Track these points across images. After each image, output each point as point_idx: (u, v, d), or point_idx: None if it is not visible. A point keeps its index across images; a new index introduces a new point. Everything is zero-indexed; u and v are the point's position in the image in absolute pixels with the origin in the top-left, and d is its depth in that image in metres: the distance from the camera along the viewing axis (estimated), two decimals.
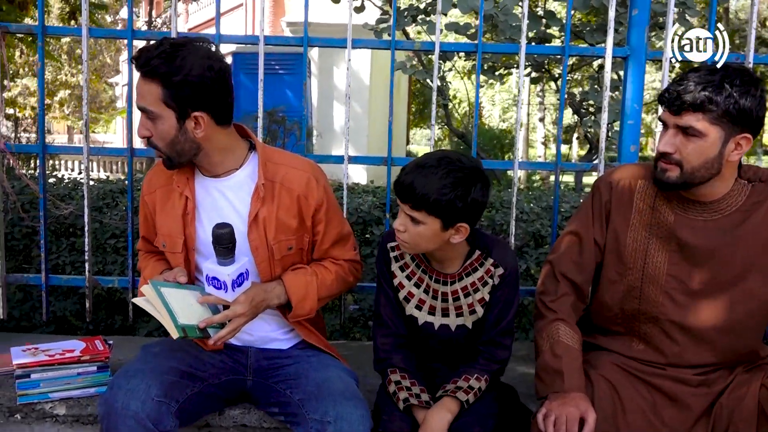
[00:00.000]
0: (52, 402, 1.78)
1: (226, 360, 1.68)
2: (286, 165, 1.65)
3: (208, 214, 1.62)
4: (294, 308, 1.62)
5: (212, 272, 1.49)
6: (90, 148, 2.01)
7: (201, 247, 1.63)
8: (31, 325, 2.57)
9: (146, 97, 1.48)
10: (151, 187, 1.70)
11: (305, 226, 1.65)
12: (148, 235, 1.76)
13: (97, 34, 2.08)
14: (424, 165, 1.48)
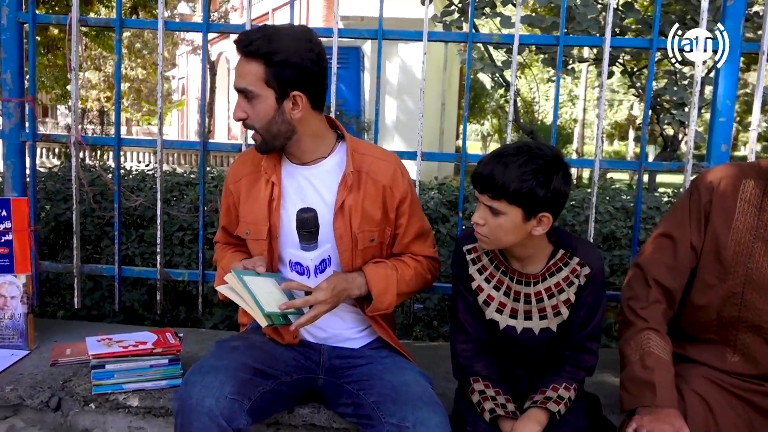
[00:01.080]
0: (125, 393, 1.79)
1: (298, 358, 1.66)
2: (373, 156, 1.65)
3: (294, 201, 1.62)
4: (374, 301, 1.60)
5: (295, 257, 1.48)
6: (164, 141, 2.01)
7: (284, 234, 1.62)
8: (101, 314, 2.62)
9: (246, 77, 1.50)
10: (236, 176, 1.71)
11: (388, 218, 1.64)
12: (229, 225, 1.77)
13: (173, 27, 2.08)
14: (503, 154, 1.43)
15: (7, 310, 2.03)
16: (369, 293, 1.60)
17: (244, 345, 1.62)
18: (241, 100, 1.54)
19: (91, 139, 2.11)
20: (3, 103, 2.03)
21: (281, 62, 1.48)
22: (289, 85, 1.51)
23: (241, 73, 1.52)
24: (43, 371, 1.89)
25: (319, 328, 1.68)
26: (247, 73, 1.50)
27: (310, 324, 1.52)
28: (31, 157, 2.11)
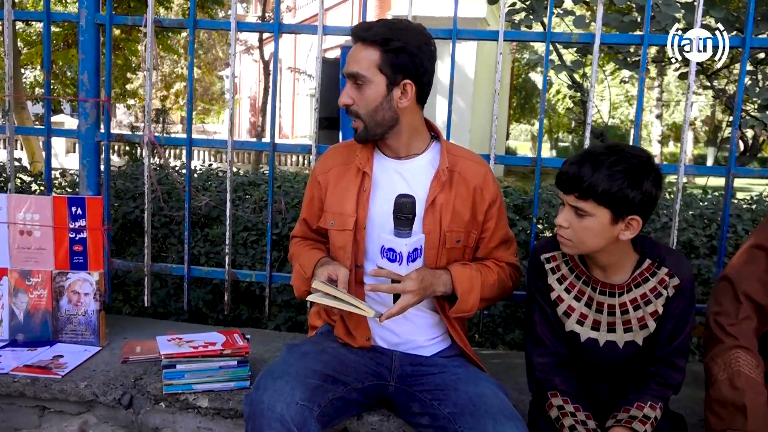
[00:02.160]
0: (195, 393, 1.80)
1: (369, 364, 1.63)
2: (465, 157, 1.66)
3: (385, 193, 1.61)
4: (459, 301, 1.57)
5: (388, 243, 1.45)
6: (233, 141, 2.01)
7: (372, 226, 1.61)
8: (167, 312, 2.65)
9: (361, 62, 1.52)
10: (326, 166, 1.72)
11: (476, 220, 1.63)
12: (310, 217, 1.76)
13: (246, 27, 2.08)
14: (592, 153, 1.38)
15: (80, 307, 2.06)
16: (452, 293, 1.58)
17: (315, 350, 1.60)
18: (348, 87, 1.56)
19: (163, 139, 2.12)
20: (80, 103, 2.06)
21: (398, 49, 1.51)
22: (401, 72, 1.53)
23: (355, 59, 1.53)
24: (115, 368, 1.92)
25: (391, 332, 1.66)
26: (362, 59, 1.52)
27: (398, 315, 1.49)
28: (106, 157, 2.14)
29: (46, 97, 2.15)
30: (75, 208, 2.04)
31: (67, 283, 2.06)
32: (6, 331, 2.08)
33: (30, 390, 1.82)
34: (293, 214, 2.54)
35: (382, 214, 1.59)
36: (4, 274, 2.07)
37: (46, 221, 2.05)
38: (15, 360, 1.92)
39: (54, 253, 2.06)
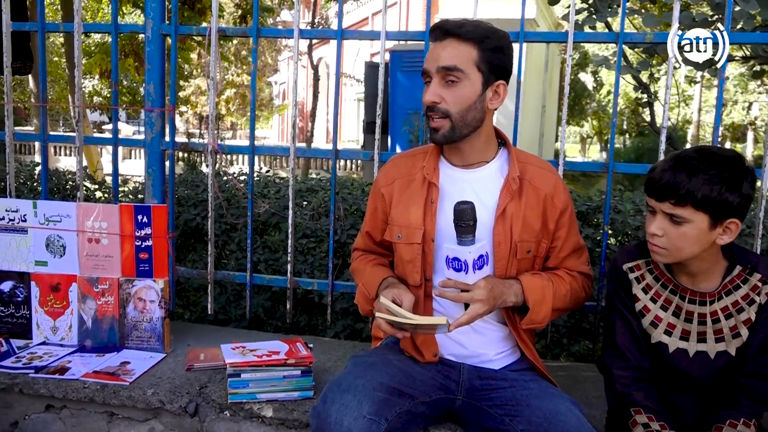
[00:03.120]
0: (259, 403, 1.79)
1: (437, 377, 1.59)
2: (534, 164, 1.62)
3: (451, 204, 1.54)
4: (530, 311, 1.52)
5: (453, 253, 1.41)
6: (296, 149, 2.00)
7: (441, 237, 1.57)
8: (227, 318, 2.66)
9: (457, 58, 1.47)
10: (389, 178, 1.68)
11: (547, 229, 1.58)
12: (374, 230, 1.74)
13: (309, 35, 2.07)
14: (684, 158, 1.33)
15: (146, 314, 2.09)
16: (523, 304, 1.53)
17: (381, 362, 1.57)
18: (436, 84, 1.49)
19: (227, 147, 2.13)
20: (146, 113, 2.09)
21: (494, 48, 1.48)
22: (495, 72, 1.50)
23: (449, 54, 1.47)
24: (180, 376, 1.93)
25: (460, 345, 1.61)
26: (457, 54, 1.47)
27: (467, 324, 1.45)
28: (170, 165, 2.16)
29: (114, 108, 2.19)
30: (141, 216, 2.07)
31: (133, 290, 2.09)
32: (75, 337, 2.13)
33: (99, 396, 1.85)
34: (352, 221, 2.52)
35: (450, 226, 1.53)
36: (74, 281, 2.12)
37: (114, 229, 2.08)
38: (84, 366, 1.96)
39: (121, 261, 2.09)
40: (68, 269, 2.12)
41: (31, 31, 2.33)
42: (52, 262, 2.13)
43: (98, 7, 14.73)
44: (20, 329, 2.16)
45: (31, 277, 2.14)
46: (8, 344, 2.11)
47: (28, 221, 2.13)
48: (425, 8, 1.93)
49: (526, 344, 1.62)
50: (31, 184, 3.07)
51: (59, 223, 2.11)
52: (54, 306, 2.13)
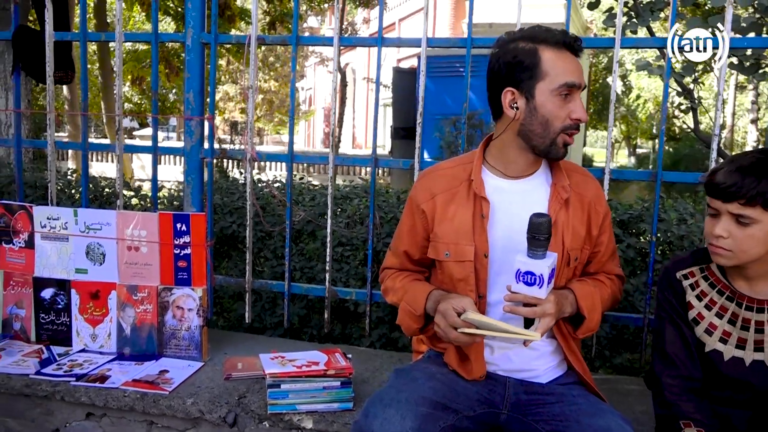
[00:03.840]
0: (299, 414, 1.77)
1: (481, 391, 1.55)
2: (576, 172, 1.61)
3: (504, 217, 1.54)
4: (586, 319, 1.51)
5: (526, 267, 1.37)
6: (335, 157, 1.98)
7: (494, 253, 1.52)
8: (262, 327, 2.65)
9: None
10: (429, 193, 1.61)
11: (591, 236, 1.57)
12: (413, 248, 1.66)
13: (349, 42, 2.06)
14: (750, 159, 1.31)
15: (184, 322, 2.09)
16: (577, 312, 1.51)
17: (424, 375, 1.54)
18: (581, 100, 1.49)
19: (265, 155, 2.13)
20: (186, 121, 2.09)
21: None
22: None
23: (581, 70, 1.48)
24: (218, 385, 1.92)
25: (507, 359, 1.57)
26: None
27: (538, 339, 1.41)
28: (209, 173, 2.16)
29: (154, 116, 2.20)
30: (180, 225, 2.07)
31: (172, 299, 2.09)
32: (114, 344, 2.14)
33: (139, 405, 1.85)
34: (388, 229, 2.49)
35: (504, 239, 1.51)
36: (113, 289, 2.13)
37: (153, 237, 2.09)
38: (123, 374, 1.96)
39: (159, 269, 2.10)
40: (108, 277, 2.13)
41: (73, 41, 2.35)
42: (92, 270, 2.15)
43: (129, 15, 14.98)
44: (60, 336, 2.18)
45: (71, 284, 2.15)
46: (49, 351, 2.12)
47: (69, 229, 2.15)
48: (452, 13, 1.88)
49: (576, 356, 1.58)
50: (69, 191, 3.10)
51: (99, 231, 2.12)
52: (93, 313, 2.14)
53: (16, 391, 1.92)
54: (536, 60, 1.45)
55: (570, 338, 1.58)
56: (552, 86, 1.44)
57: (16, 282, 2.21)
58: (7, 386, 1.92)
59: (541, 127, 1.47)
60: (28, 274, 2.19)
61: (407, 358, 2.22)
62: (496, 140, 1.57)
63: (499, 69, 1.49)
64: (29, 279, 2.19)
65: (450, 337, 1.42)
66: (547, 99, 1.45)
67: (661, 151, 1.83)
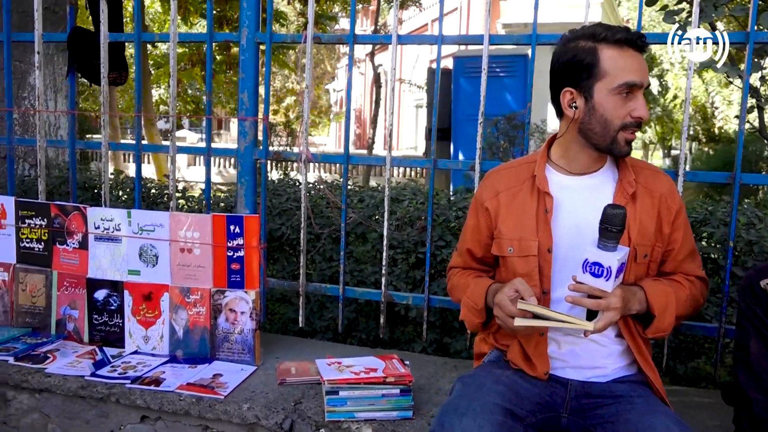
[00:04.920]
0: (357, 422, 1.72)
1: (543, 394, 1.50)
2: (646, 168, 1.58)
3: (568, 212, 1.52)
4: (656, 319, 1.45)
5: (594, 257, 1.34)
6: (392, 158, 1.93)
7: (558, 248, 1.51)
8: (311, 330, 2.62)
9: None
10: (492, 191, 1.62)
11: (662, 233, 1.52)
12: (475, 246, 1.67)
13: (408, 40, 2.01)
14: None
15: (237, 325, 2.06)
16: (647, 311, 1.46)
17: (491, 380, 1.48)
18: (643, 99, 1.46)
19: (320, 156, 2.09)
20: (240, 122, 2.07)
21: None
22: None
23: (646, 69, 1.46)
24: (273, 390, 1.89)
25: (571, 358, 1.53)
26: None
27: (601, 331, 1.39)
28: (263, 175, 2.14)
29: (208, 117, 2.18)
30: (233, 227, 2.05)
31: (225, 301, 2.06)
32: (166, 347, 2.12)
33: (195, 409, 1.82)
34: (439, 231, 2.44)
35: (568, 235, 1.50)
36: (166, 291, 2.11)
37: (206, 239, 2.07)
38: (177, 377, 1.94)
39: (212, 271, 2.07)
40: (160, 279, 2.12)
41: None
42: (145, 272, 2.13)
43: (165, 19, 15.19)
44: (113, 337, 2.17)
45: (124, 285, 2.15)
46: (102, 352, 2.12)
47: (122, 230, 2.14)
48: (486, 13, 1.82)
49: (645, 358, 1.53)
50: (116, 192, 3.11)
51: (152, 233, 2.11)
52: (146, 315, 2.13)
53: (72, 392, 1.92)
54: (595, 59, 1.43)
55: (639, 338, 1.53)
56: (611, 86, 1.43)
57: (70, 283, 2.21)
58: (63, 387, 1.92)
59: (600, 126, 1.45)
60: (82, 275, 2.19)
61: (462, 364, 2.16)
62: (559, 138, 1.57)
63: (559, 68, 1.49)
64: (83, 280, 2.19)
65: (509, 326, 1.40)
66: (605, 98, 1.44)
67: (740, 152, 1.74)
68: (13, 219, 2.26)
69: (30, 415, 2.00)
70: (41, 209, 2.24)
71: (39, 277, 2.24)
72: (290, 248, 2.72)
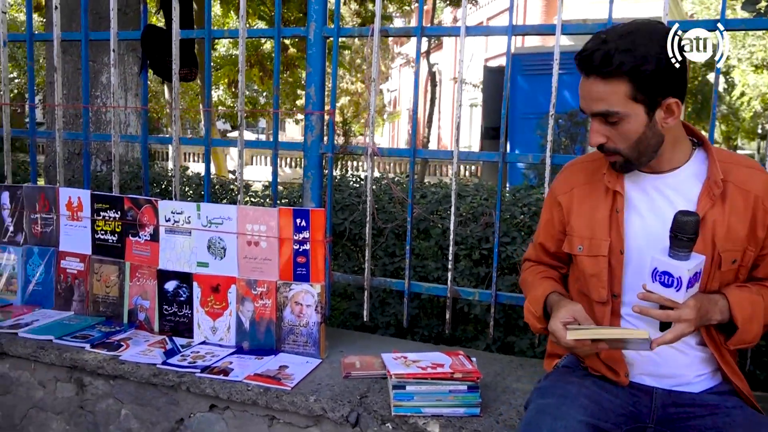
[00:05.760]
0: (424, 417, 1.70)
1: (626, 404, 1.44)
2: (740, 164, 1.44)
3: (642, 213, 1.44)
4: (739, 330, 1.36)
5: (664, 266, 1.28)
6: (460, 152, 1.91)
7: (630, 250, 1.44)
8: (373, 326, 2.62)
9: (608, 99, 1.33)
10: (566, 185, 1.57)
11: (755, 237, 1.40)
12: (548, 241, 1.63)
13: (476, 32, 1.98)
14: None
15: (302, 318, 2.07)
16: (730, 321, 1.37)
17: (572, 392, 1.42)
18: (598, 124, 1.37)
19: (387, 150, 2.08)
20: (306, 116, 2.08)
21: (650, 73, 1.29)
22: (660, 94, 1.33)
23: (596, 96, 1.33)
24: (338, 383, 1.89)
25: (653, 366, 1.45)
26: (607, 95, 1.32)
27: (670, 343, 1.32)
28: (329, 169, 2.15)
29: (275, 111, 2.21)
30: (299, 220, 2.06)
31: (290, 294, 2.08)
32: (233, 338, 2.15)
33: (262, 399, 1.84)
34: (504, 228, 2.39)
35: (641, 237, 1.42)
36: (233, 283, 2.14)
37: (272, 233, 2.09)
38: (244, 368, 1.97)
39: (278, 264, 2.09)
40: (228, 271, 2.15)
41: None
42: (213, 264, 2.17)
43: (224, 21, 15.55)
44: (182, 328, 2.22)
45: (193, 277, 2.19)
46: (172, 342, 2.17)
47: (192, 223, 2.19)
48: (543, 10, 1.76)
49: (731, 366, 1.45)
50: (182, 188, 3.19)
51: (221, 226, 2.15)
52: (214, 306, 2.17)
53: (144, 379, 1.97)
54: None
55: (723, 348, 1.44)
56: None
57: (142, 274, 2.28)
58: (136, 374, 1.97)
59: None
60: (153, 266, 2.25)
61: (529, 363, 2.11)
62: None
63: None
64: (154, 271, 2.24)
65: (567, 346, 1.36)
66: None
67: None
68: (89, 212, 2.34)
69: (105, 400, 2.07)
70: (115, 202, 2.31)
71: (113, 268, 2.32)
72: (352, 244, 2.72)
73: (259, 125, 30.38)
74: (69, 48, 3.39)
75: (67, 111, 3.43)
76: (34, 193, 2.45)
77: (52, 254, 2.42)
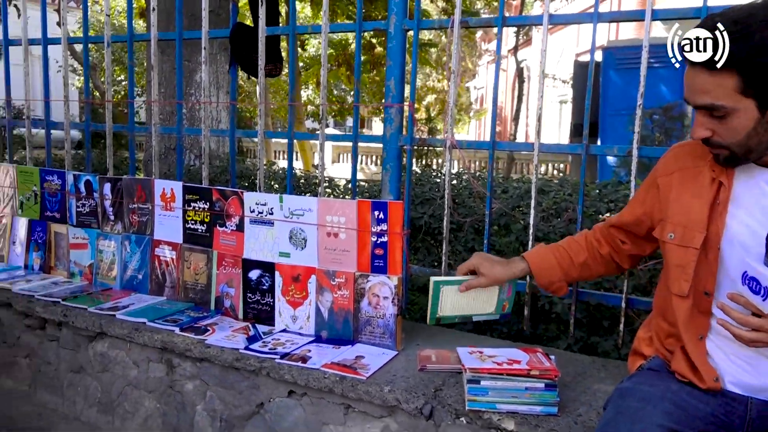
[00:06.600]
0: (499, 414, 1.67)
1: (717, 411, 1.35)
2: None
3: (748, 208, 1.32)
4: None
5: (753, 272, 1.18)
6: (540, 144, 1.86)
7: (729, 247, 1.33)
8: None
9: (714, 92, 1.22)
10: (668, 168, 1.49)
11: None
12: (626, 211, 1.61)
13: (560, 20, 1.92)
14: None
15: (379, 310, 2.09)
16: None
17: (654, 397, 1.35)
18: (702, 117, 1.28)
19: (465, 143, 2.06)
20: (386, 109, 2.10)
21: (764, 65, 1.17)
22: None
23: (702, 89, 1.24)
24: (414, 375, 1.89)
25: (748, 374, 1.34)
26: (713, 88, 1.22)
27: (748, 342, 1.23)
28: (408, 161, 2.15)
29: (356, 104, 2.24)
30: (378, 212, 2.07)
31: (368, 286, 2.10)
32: (312, 327, 2.20)
33: (338, 387, 1.87)
34: (588, 223, 2.31)
35: (743, 234, 1.30)
36: (313, 273, 2.19)
37: (351, 224, 2.11)
38: (322, 356, 2.00)
39: (357, 256, 2.12)
40: (308, 261, 2.20)
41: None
42: (294, 254, 2.23)
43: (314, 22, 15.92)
44: (264, 315, 2.29)
45: (275, 267, 2.26)
46: (254, 329, 2.24)
47: (275, 214, 2.25)
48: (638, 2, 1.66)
49: None
50: (268, 182, 3.30)
51: (302, 217, 2.20)
52: (294, 296, 2.23)
53: (228, 363, 2.05)
54: None
55: None
56: None
57: (228, 263, 2.37)
58: (220, 358, 2.06)
59: None
60: (238, 255, 2.34)
61: (612, 364, 2.02)
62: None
63: None
64: (239, 260, 2.33)
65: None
66: None
67: None
68: (181, 202, 2.47)
69: (192, 381, 2.17)
70: (204, 193, 2.42)
71: (201, 257, 2.43)
72: (431, 238, 2.72)
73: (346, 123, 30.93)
74: (167, 48, 3.58)
75: (164, 108, 3.62)
76: (133, 184, 2.61)
77: (147, 242, 2.57)
